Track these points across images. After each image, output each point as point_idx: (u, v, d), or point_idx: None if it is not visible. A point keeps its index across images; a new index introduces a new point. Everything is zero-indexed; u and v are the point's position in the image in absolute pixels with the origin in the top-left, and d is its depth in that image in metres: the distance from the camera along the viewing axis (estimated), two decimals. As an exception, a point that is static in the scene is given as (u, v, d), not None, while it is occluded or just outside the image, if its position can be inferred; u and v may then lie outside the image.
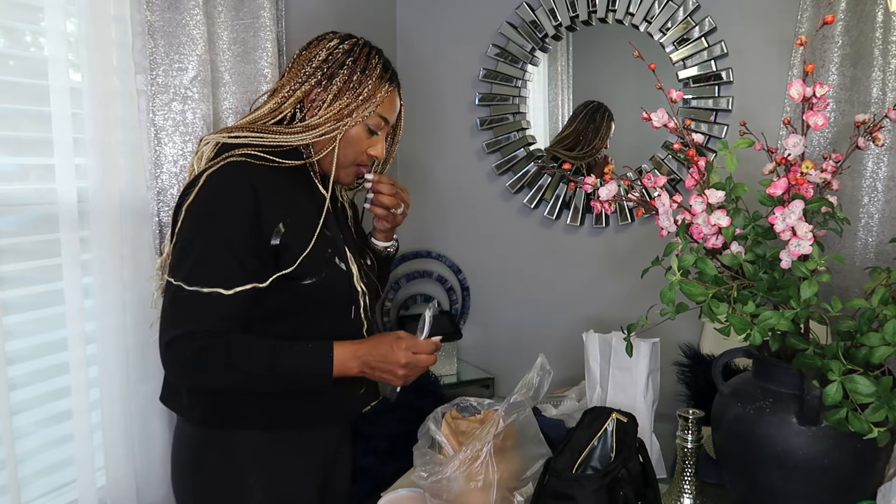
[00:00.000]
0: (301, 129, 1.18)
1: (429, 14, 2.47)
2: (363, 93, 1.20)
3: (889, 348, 0.90)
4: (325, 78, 1.20)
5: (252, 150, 1.14)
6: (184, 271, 1.07)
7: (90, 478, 1.34)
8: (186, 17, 1.45)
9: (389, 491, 1.25)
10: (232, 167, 1.11)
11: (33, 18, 1.28)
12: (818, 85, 0.95)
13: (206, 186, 1.10)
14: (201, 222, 1.10)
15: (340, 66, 1.20)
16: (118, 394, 1.36)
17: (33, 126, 1.29)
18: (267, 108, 1.21)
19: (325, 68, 1.20)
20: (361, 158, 1.25)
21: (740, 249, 1.01)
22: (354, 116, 1.20)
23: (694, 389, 1.85)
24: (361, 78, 1.20)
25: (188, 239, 1.10)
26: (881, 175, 1.83)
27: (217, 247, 1.08)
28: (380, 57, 1.25)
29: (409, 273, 2.55)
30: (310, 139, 1.18)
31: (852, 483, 0.99)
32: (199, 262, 1.08)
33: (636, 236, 2.24)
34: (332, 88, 1.19)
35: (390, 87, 1.24)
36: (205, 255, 1.08)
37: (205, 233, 1.09)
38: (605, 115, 2.25)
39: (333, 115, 1.18)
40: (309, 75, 1.20)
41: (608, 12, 2.16)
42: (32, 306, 1.30)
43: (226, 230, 1.09)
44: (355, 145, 1.22)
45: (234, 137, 1.17)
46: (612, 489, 1.00)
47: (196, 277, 1.06)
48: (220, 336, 1.07)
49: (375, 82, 1.21)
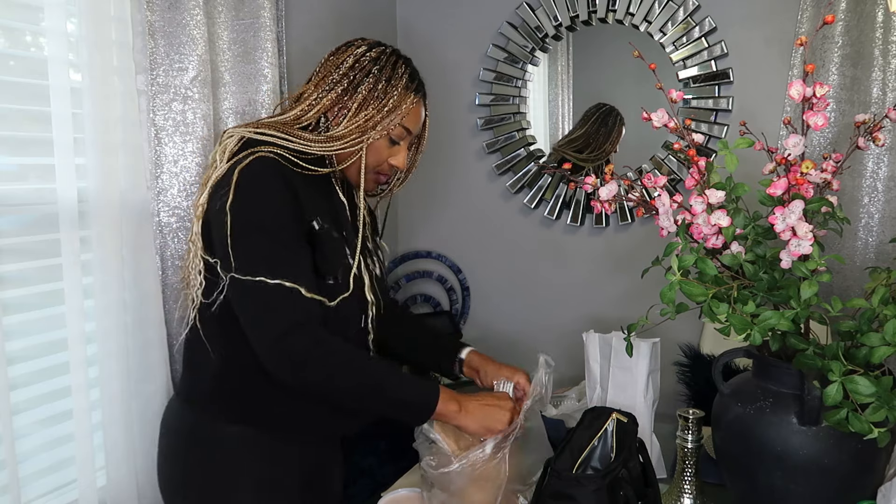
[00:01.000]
0: (325, 139, 1.16)
1: (429, 14, 2.47)
2: (388, 104, 1.18)
3: (889, 348, 0.90)
4: (351, 87, 1.18)
5: (279, 150, 1.13)
6: (262, 269, 1.06)
7: (90, 478, 1.33)
8: (187, 17, 1.45)
9: (389, 491, 1.25)
10: (261, 161, 1.10)
11: (33, 18, 1.28)
12: (818, 85, 0.95)
13: (242, 182, 1.09)
14: (254, 218, 1.09)
15: (366, 74, 1.18)
16: (118, 394, 1.36)
17: (33, 126, 1.29)
18: (292, 115, 1.20)
19: (350, 76, 1.18)
20: (382, 168, 1.25)
21: (740, 249, 1.01)
22: (378, 129, 1.18)
23: (694, 389, 1.85)
24: (387, 88, 1.18)
25: (248, 236, 1.08)
26: (881, 175, 1.83)
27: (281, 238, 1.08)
28: (407, 66, 1.23)
29: (409, 273, 2.55)
30: (332, 151, 1.17)
31: (852, 483, 0.99)
32: (271, 257, 1.07)
33: (636, 236, 2.25)
34: (356, 98, 1.17)
35: (416, 98, 1.22)
36: (274, 249, 1.07)
37: (264, 227, 1.08)
38: (617, 118, 2.25)
39: (357, 126, 1.17)
40: (335, 83, 1.18)
41: (608, 12, 2.16)
42: (32, 306, 1.30)
43: (281, 220, 1.08)
44: (376, 154, 1.22)
45: (260, 134, 1.15)
46: (612, 489, 1.00)
47: (276, 272, 1.05)
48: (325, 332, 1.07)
49: (401, 93, 1.19)
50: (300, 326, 1.05)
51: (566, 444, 1.10)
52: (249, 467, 1.18)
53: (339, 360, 1.07)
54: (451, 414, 1.12)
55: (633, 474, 1.06)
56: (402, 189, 1.45)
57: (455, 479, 1.08)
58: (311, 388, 1.10)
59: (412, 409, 1.12)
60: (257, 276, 1.05)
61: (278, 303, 1.06)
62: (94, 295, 1.33)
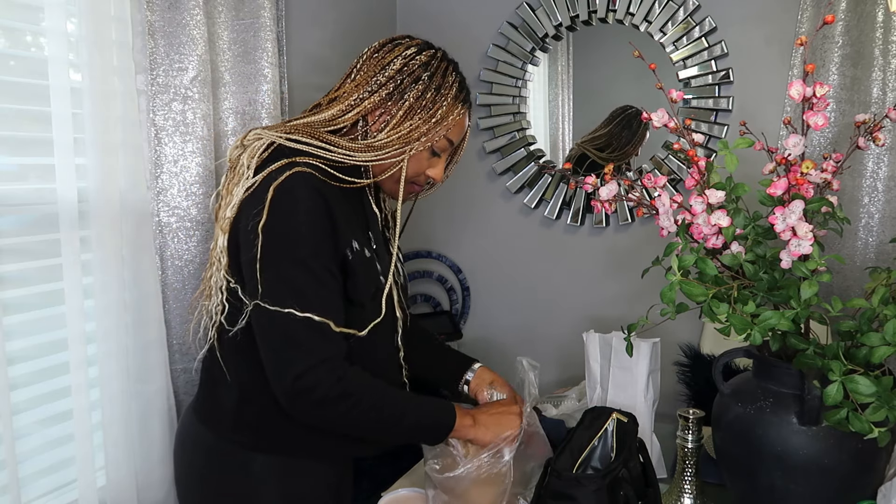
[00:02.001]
0: (364, 147, 1.08)
1: (429, 14, 2.47)
2: (436, 114, 1.10)
3: (889, 348, 0.90)
4: (397, 92, 1.09)
5: (316, 162, 1.05)
6: (289, 300, 0.99)
7: (90, 478, 1.33)
8: (187, 17, 1.45)
9: (390, 491, 1.25)
10: (301, 180, 1.02)
11: (33, 18, 1.28)
12: (818, 85, 0.95)
13: (278, 202, 1.01)
14: (287, 244, 1.01)
15: (415, 80, 1.09)
16: (118, 394, 1.36)
17: (33, 126, 1.29)
18: (327, 115, 1.11)
19: (398, 80, 1.09)
20: (419, 179, 1.19)
21: (740, 249, 1.01)
22: (423, 140, 1.10)
23: (694, 389, 1.85)
24: (436, 97, 1.10)
25: (279, 264, 1.01)
26: (881, 175, 1.83)
27: (314, 268, 1.01)
28: (457, 73, 1.15)
29: (410, 273, 2.55)
30: (373, 161, 1.09)
31: (853, 483, 0.99)
32: (302, 288, 1.00)
33: (636, 236, 2.25)
34: (403, 105, 1.09)
35: (463, 109, 1.15)
36: (305, 280, 1.01)
37: (297, 255, 1.01)
38: (643, 123, 2.24)
39: (400, 137, 1.09)
40: (380, 85, 1.09)
41: (608, 12, 2.16)
42: (33, 306, 1.30)
43: (317, 249, 1.02)
44: (416, 166, 1.15)
45: (293, 141, 1.07)
46: (612, 489, 1.00)
47: (304, 304, 0.99)
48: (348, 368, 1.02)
49: (450, 104, 1.11)
50: (322, 364, 1.00)
51: (566, 444, 1.10)
52: (274, 490, 1.15)
53: (357, 397, 1.02)
54: (465, 429, 1.11)
55: (633, 474, 1.06)
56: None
57: (460, 483, 1.08)
58: (328, 426, 1.07)
59: (430, 433, 1.11)
60: (286, 308, 0.98)
61: (304, 337, 1.00)
62: (94, 295, 1.33)
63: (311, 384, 0.99)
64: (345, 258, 1.05)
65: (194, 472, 1.20)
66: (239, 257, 1.07)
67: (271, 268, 1.01)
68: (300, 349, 0.99)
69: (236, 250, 1.08)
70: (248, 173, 1.06)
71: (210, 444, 1.16)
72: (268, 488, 1.14)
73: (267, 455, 1.13)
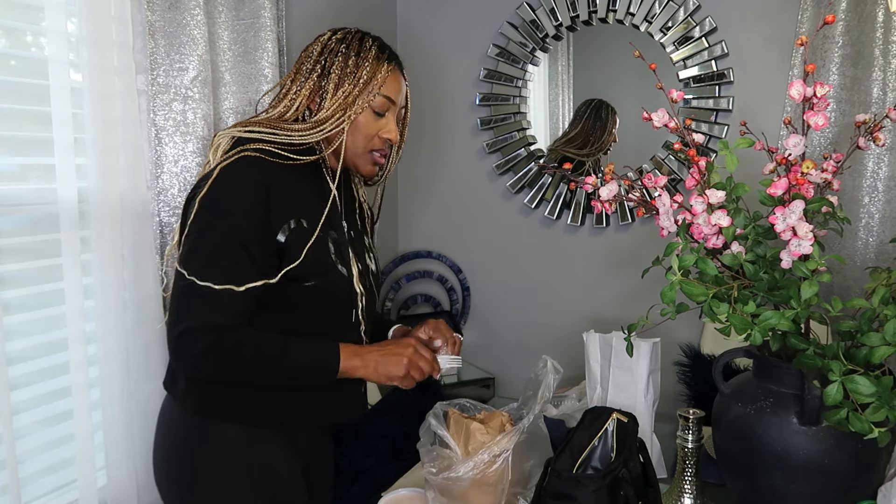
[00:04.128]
0: (311, 125, 1.19)
1: (429, 14, 2.47)
2: (362, 76, 1.20)
3: (889, 348, 0.90)
4: (324, 70, 1.21)
5: (266, 146, 1.15)
6: (196, 265, 1.09)
7: (91, 478, 1.33)
8: (187, 17, 1.45)
9: (390, 491, 1.25)
10: (246, 161, 1.12)
11: (34, 18, 1.28)
12: (819, 85, 0.95)
13: (220, 179, 1.11)
14: (213, 215, 1.10)
15: (335, 54, 1.21)
16: (119, 394, 1.36)
17: (34, 126, 1.29)
18: (278, 112, 1.22)
19: (321, 61, 1.21)
20: (374, 143, 1.25)
21: (741, 249, 1.01)
22: (359, 102, 1.20)
23: (694, 389, 1.85)
24: (357, 61, 1.21)
25: (200, 231, 1.11)
26: (882, 175, 1.83)
27: (229, 241, 1.09)
28: (374, 38, 1.25)
29: (410, 273, 2.55)
30: (321, 135, 1.19)
31: (853, 483, 0.99)
32: (211, 257, 1.09)
33: (637, 236, 2.24)
34: (332, 78, 1.20)
35: (390, 66, 1.24)
36: (216, 249, 1.09)
37: (217, 226, 1.10)
38: (609, 109, 2.26)
39: (339, 105, 1.19)
40: (309, 72, 1.21)
41: (609, 12, 2.16)
42: (33, 306, 1.30)
43: (237, 224, 1.10)
44: (365, 130, 1.22)
45: (250, 132, 1.18)
46: (612, 489, 1.00)
47: (208, 272, 1.08)
48: (230, 330, 1.09)
49: (373, 63, 1.21)
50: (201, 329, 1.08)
51: (566, 444, 1.10)
52: (248, 459, 1.19)
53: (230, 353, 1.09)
54: (354, 369, 1.16)
55: (633, 474, 1.06)
56: (403, 188, 1.45)
57: (458, 485, 1.08)
58: (215, 379, 1.14)
59: (318, 372, 1.15)
60: (190, 274, 1.08)
61: (198, 303, 1.08)
62: (94, 295, 1.33)
63: (187, 343, 1.08)
64: (277, 236, 1.13)
65: (174, 450, 1.22)
66: None
67: (193, 234, 1.11)
68: (190, 311, 1.09)
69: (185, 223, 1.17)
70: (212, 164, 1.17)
71: (183, 419, 1.20)
72: (238, 459, 1.18)
73: (235, 424, 1.18)
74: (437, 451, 1.12)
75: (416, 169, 2.52)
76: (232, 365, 1.10)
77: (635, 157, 2.21)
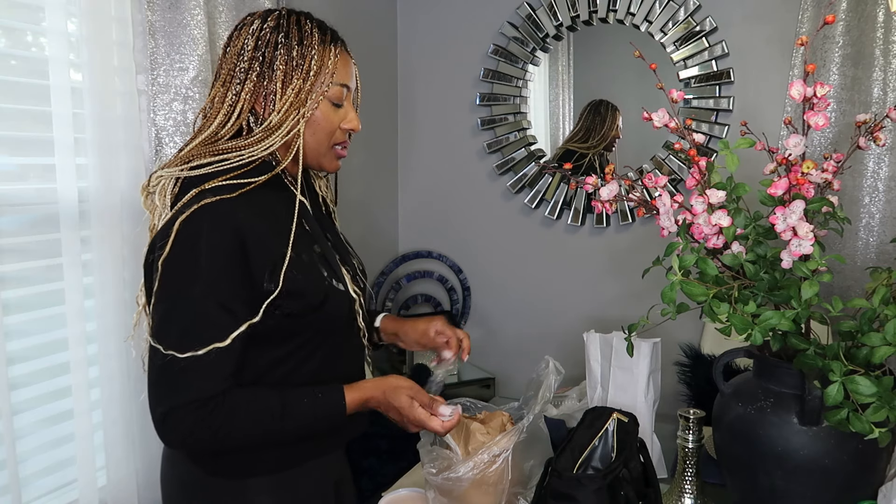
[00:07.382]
0: (263, 133, 1.03)
1: (429, 14, 2.47)
2: (311, 66, 1.04)
3: (890, 348, 0.90)
4: (265, 67, 1.03)
5: (220, 181, 0.99)
6: (172, 338, 0.95)
7: (91, 478, 1.34)
8: (187, 17, 1.45)
9: (390, 491, 1.24)
10: (208, 213, 0.96)
11: (34, 18, 1.28)
12: (819, 85, 0.95)
13: (182, 237, 0.95)
14: (184, 281, 0.96)
15: (276, 46, 1.03)
16: (119, 394, 1.36)
17: (34, 126, 1.29)
18: (214, 126, 1.04)
19: (259, 56, 1.03)
20: (337, 137, 1.10)
21: (741, 249, 1.01)
22: (314, 96, 1.04)
23: (695, 389, 1.85)
24: (302, 50, 1.04)
25: (171, 299, 0.96)
26: (882, 175, 1.83)
27: (206, 305, 0.96)
28: (311, 20, 1.08)
29: (410, 273, 2.55)
30: (280, 140, 1.03)
31: (853, 483, 0.99)
32: (188, 326, 0.95)
33: (637, 236, 2.24)
34: (276, 75, 1.03)
35: (337, 49, 1.07)
36: (193, 318, 0.95)
37: (189, 292, 0.95)
38: (609, 106, 2.27)
39: (292, 104, 1.03)
40: (246, 72, 1.03)
41: (609, 12, 2.16)
42: (33, 306, 1.30)
43: (214, 285, 0.96)
44: (325, 126, 1.07)
45: (195, 168, 1.01)
46: (613, 489, 1.00)
47: (187, 342, 0.94)
48: (219, 401, 0.96)
49: (320, 49, 1.05)
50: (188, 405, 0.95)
51: (567, 444, 1.10)
52: None
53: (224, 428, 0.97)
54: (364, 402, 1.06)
55: (633, 474, 1.06)
56: (403, 188, 1.43)
57: (458, 485, 1.08)
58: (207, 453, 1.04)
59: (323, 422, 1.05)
60: (167, 350, 0.94)
61: (176, 379, 0.95)
62: (94, 295, 1.33)
63: (174, 424, 0.96)
64: (263, 285, 1.00)
65: None
66: None
67: (163, 302, 0.97)
68: (171, 391, 0.96)
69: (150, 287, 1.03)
70: (165, 212, 1.02)
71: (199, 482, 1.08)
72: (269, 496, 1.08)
73: (257, 478, 1.08)
74: (437, 452, 1.12)
75: (416, 169, 2.52)
76: (227, 438, 0.98)
77: (636, 157, 2.21)
